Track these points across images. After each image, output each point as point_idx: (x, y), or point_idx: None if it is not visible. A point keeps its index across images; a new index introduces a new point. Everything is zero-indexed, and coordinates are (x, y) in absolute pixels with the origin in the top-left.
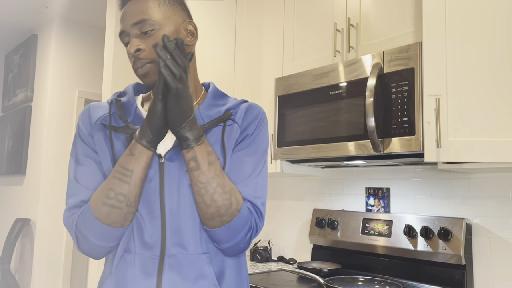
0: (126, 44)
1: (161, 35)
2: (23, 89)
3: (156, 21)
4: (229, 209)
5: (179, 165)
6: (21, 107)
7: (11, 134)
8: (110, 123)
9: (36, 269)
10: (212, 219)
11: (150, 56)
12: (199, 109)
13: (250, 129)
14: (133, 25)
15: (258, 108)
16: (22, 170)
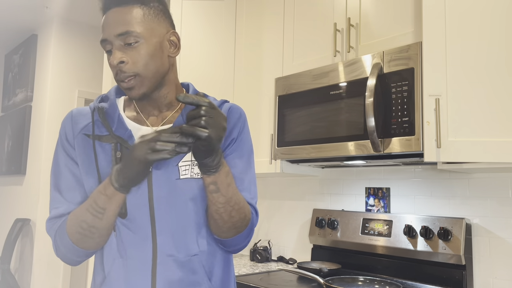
0: (108, 51)
1: (145, 47)
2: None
3: (141, 33)
4: (244, 221)
5: (167, 173)
6: (21, 107)
7: (11, 134)
8: (93, 133)
9: (36, 269)
10: (227, 232)
11: (133, 69)
12: (182, 115)
13: (235, 133)
14: (117, 36)
15: (239, 110)
16: (22, 170)
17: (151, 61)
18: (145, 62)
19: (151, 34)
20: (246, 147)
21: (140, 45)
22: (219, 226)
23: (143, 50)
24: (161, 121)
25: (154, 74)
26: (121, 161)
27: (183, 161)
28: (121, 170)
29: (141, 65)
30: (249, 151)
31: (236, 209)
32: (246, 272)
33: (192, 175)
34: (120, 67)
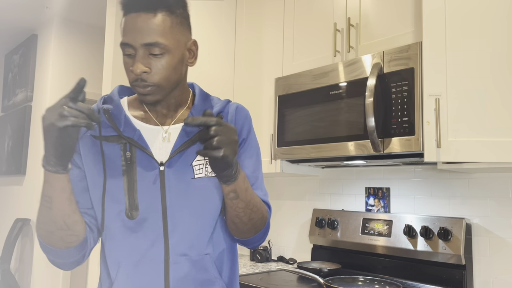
0: (127, 55)
1: (169, 60)
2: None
3: (168, 45)
4: (262, 220)
5: (179, 173)
6: (21, 107)
7: (11, 134)
8: (100, 134)
9: (36, 269)
10: (248, 233)
11: (154, 80)
12: (192, 114)
13: (244, 133)
14: (144, 45)
15: (245, 110)
16: (22, 170)
17: (172, 74)
18: (167, 74)
19: (176, 46)
20: (255, 146)
21: (164, 57)
22: (239, 229)
23: (167, 63)
24: (171, 120)
25: (172, 85)
26: (131, 161)
27: (196, 160)
28: (45, 149)
29: (163, 77)
30: (257, 149)
31: (255, 211)
32: (246, 272)
33: (206, 173)
34: (142, 76)
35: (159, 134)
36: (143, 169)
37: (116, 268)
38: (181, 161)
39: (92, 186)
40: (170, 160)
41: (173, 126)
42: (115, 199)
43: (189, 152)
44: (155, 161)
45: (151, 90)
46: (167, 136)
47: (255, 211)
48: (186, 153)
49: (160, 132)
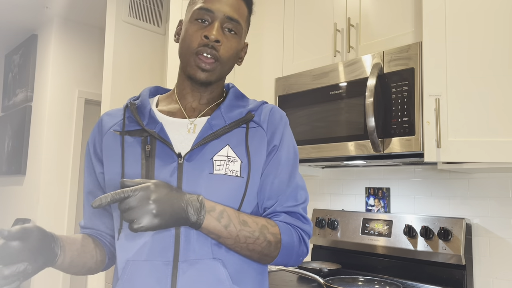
0: (201, 21)
1: (236, 43)
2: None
3: (241, 30)
4: (270, 247)
5: (198, 167)
6: (21, 107)
7: (11, 134)
8: (124, 128)
9: None
10: (261, 260)
11: (222, 54)
12: (220, 109)
13: (276, 139)
14: (227, 17)
15: (279, 112)
16: (22, 170)
17: (233, 57)
18: (232, 54)
19: (243, 35)
20: (289, 152)
21: (236, 37)
22: (247, 258)
23: (235, 44)
24: (198, 113)
25: (227, 70)
26: (150, 155)
27: (218, 155)
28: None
29: (228, 55)
30: (293, 155)
31: (251, 242)
32: None
33: (226, 171)
34: (214, 44)
35: (184, 126)
36: (162, 162)
37: (122, 265)
38: (202, 155)
39: (111, 182)
40: (191, 152)
41: (200, 118)
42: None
43: (212, 145)
44: (174, 154)
45: (214, 66)
46: (192, 128)
47: (252, 242)
48: (208, 147)
49: (185, 124)
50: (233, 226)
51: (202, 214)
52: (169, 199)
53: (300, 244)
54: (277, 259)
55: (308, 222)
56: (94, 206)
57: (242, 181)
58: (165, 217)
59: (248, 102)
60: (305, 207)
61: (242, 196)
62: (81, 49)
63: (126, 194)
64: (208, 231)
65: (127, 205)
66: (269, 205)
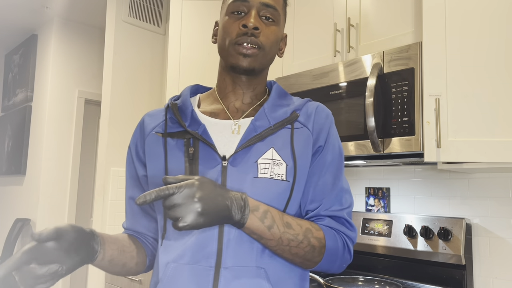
0: (238, 12)
1: (276, 30)
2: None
3: (279, 16)
4: (314, 251)
5: (242, 170)
6: (21, 107)
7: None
8: (166, 130)
9: None
10: (303, 264)
11: (263, 41)
12: (264, 109)
13: (322, 139)
14: (263, 4)
15: (325, 110)
16: (22, 170)
17: (275, 45)
18: (273, 41)
19: (282, 23)
20: (334, 153)
21: (274, 24)
22: (289, 261)
23: (275, 31)
24: (241, 114)
25: (270, 58)
26: (194, 157)
27: (263, 158)
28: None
29: (270, 42)
30: (338, 157)
31: (294, 246)
32: None
33: (272, 175)
34: (254, 32)
35: (228, 127)
36: (205, 165)
37: (163, 267)
38: (246, 158)
39: (154, 185)
40: (235, 155)
41: (244, 119)
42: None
43: (256, 148)
44: (218, 156)
45: (255, 52)
46: (236, 129)
47: (295, 246)
48: (253, 149)
49: (228, 125)
50: (277, 227)
51: (246, 213)
52: (213, 196)
53: (344, 250)
54: (320, 264)
55: (353, 228)
56: (139, 203)
57: (288, 185)
58: (209, 215)
59: (292, 100)
60: (350, 212)
61: (287, 200)
62: (81, 49)
63: (171, 190)
64: (251, 231)
65: (171, 202)
66: (312, 208)
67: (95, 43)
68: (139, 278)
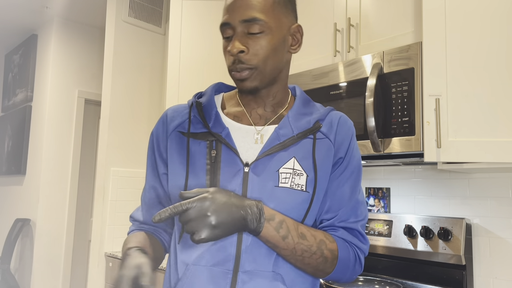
0: (226, 37)
1: (269, 39)
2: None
3: (268, 23)
4: (326, 263)
5: (263, 178)
6: (21, 107)
7: (11, 134)
8: (189, 130)
9: (36, 269)
10: (315, 274)
11: (252, 61)
12: (288, 117)
13: (342, 151)
14: (242, 21)
15: (348, 122)
16: (22, 170)
17: (272, 56)
18: (266, 55)
19: (278, 26)
20: (353, 165)
21: (264, 36)
22: (301, 270)
23: (267, 42)
24: (265, 121)
25: (271, 70)
26: (216, 160)
27: (284, 167)
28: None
29: (261, 58)
30: (358, 170)
31: (308, 256)
32: None
33: (292, 185)
34: (239, 56)
35: (250, 134)
36: (227, 169)
37: (183, 268)
38: (268, 166)
39: (175, 184)
40: (256, 162)
41: (267, 127)
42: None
43: (278, 156)
44: (240, 161)
45: (249, 74)
46: (259, 138)
47: (308, 256)
48: (275, 158)
49: (251, 132)
50: (291, 238)
51: (261, 222)
52: (227, 208)
53: (355, 262)
54: (331, 275)
55: (366, 241)
56: (155, 221)
57: (307, 196)
58: (224, 226)
59: (314, 108)
60: (364, 224)
61: (306, 211)
62: (81, 49)
63: (184, 207)
64: (266, 239)
65: (186, 217)
66: (328, 217)
67: (95, 43)
68: None
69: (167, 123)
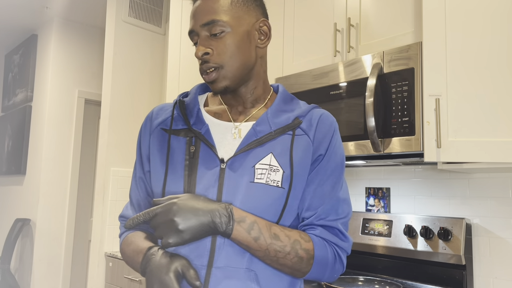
0: (195, 43)
1: (231, 37)
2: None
3: (227, 22)
4: (301, 263)
5: (239, 174)
6: (21, 107)
7: (11, 134)
8: (171, 127)
9: (36, 269)
10: (292, 274)
11: (217, 61)
12: (266, 114)
13: (323, 148)
14: (203, 25)
15: (329, 118)
16: (22, 170)
17: (237, 52)
18: (230, 53)
19: (238, 23)
20: (335, 163)
21: (226, 35)
22: (278, 271)
23: (229, 40)
24: (244, 117)
25: (239, 67)
26: (194, 156)
27: (260, 163)
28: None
29: (227, 57)
30: (339, 167)
31: (282, 256)
32: None
33: (268, 181)
34: (204, 58)
35: (229, 130)
36: (205, 165)
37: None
38: (245, 162)
39: (155, 180)
40: (234, 158)
41: (245, 123)
42: (173, 194)
43: (255, 153)
44: (217, 158)
45: (216, 75)
46: (237, 132)
47: (283, 257)
48: (251, 154)
49: (230, 128)
50: (263, 239)
51: (231, 224)
52: (194, 212)
53: (335, 261)
54: (309, 274)
55: (347, 239)
56: (126, 227)
57: (283, 192)
58: (192, 230)
59: (297, 105)
60: (346, 222)
61: (283, 208)
62: (81, 49)
63: (153, 213)
64: (238, 241)
65: (154, 223)
66: (307, 216)
67: (95, 43)
68: (139, 278)
69: (151, 120)
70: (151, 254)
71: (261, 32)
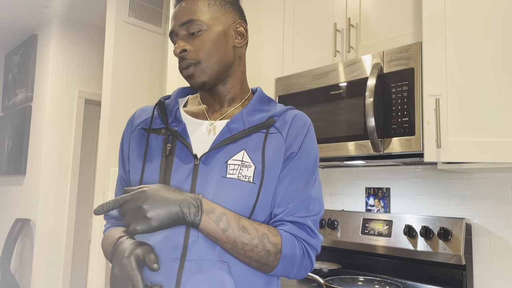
0: (174, 43)
1: (208, 35)
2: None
3: (204, 21)
4: (269, 257)
5: (212, 169)
6: (21, 107)
7: (11, 134)
8: (150, 126)
9: (36, 269)
10: (260, 268)
11: (195, 57)
12: (242, 112)
13: (295, 147)
14: (181, 25)
15: (303, 118)
16: (22, 170)
17: (214, 49)
18: (207, 50)
19: (215, 22)
20: (307, 161)
21: (203, 33)
22: (246, 264)
23: (206, 38)
24: (220, 115)
25: (216, 63)
26: (170, 153)
27: (233, 159)
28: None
29: (203, 53)
30: (311, 165)
31: (249, 249)
32: None
33: (239, 176)
34: (183, 55)
35: (204, 127)
36: (179, 162)
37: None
38: (218, 158)
39: (133, 175)
40: (207, 154)
41: (221, 121)
42: None
43: (228, 149)
44: (191, 154)
45: (194, 70)
46: (212, 129)
47: (250, 249)
48: (224, 150)
49: (205, 125)
50: (231, 230)
51: (199, 214)
52: (163, 200)
53: (303, 257)
54: (276, 270)
55: (316, 236)
56: (95, 213)
57: (254, 187)
58: (159, 218)
59: (273, 106)
60: (316, 219)
61: (254, 203)
62: (81, 49)
63: (122, 201)
64: (206, 232)
65: (123, 210)
66: (278, 212)
67: (95, 43)
68: None
69: (133, 121)
70: (119, 242)
71: (238, 33)
